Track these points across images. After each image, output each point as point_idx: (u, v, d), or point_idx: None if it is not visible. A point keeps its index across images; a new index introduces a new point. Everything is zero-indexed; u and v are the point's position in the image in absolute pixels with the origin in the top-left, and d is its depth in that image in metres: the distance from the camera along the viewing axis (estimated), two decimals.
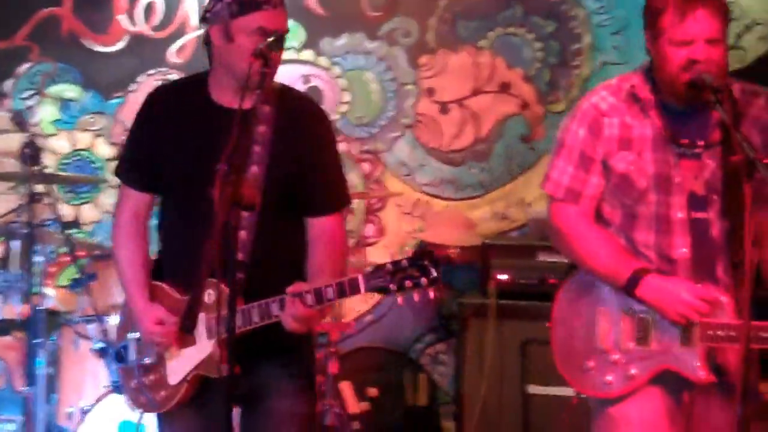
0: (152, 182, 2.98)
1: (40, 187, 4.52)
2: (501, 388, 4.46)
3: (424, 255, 2.55)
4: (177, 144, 2.91)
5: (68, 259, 4.73)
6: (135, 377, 2.95)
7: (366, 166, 5.72)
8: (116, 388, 3.54)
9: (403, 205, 5.66)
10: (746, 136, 2.64)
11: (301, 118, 2.95)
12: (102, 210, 5.69)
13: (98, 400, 4.07)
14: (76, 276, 4.30)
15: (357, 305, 5.47)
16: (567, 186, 2.91)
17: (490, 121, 5.64)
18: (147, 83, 5.73)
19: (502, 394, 4.46)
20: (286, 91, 3.01)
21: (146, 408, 2.99)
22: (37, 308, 4.26)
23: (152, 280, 2.97)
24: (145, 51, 5.77)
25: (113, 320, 4.05)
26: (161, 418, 2.99)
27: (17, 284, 4.41)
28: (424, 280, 2.52)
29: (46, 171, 4.37)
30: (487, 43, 5.65)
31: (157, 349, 2.89)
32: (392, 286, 2.54)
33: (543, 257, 4.65)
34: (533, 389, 4.42)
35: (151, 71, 5.76)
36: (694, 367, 2.72)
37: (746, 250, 2.45)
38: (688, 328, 2.73)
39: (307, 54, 5.73)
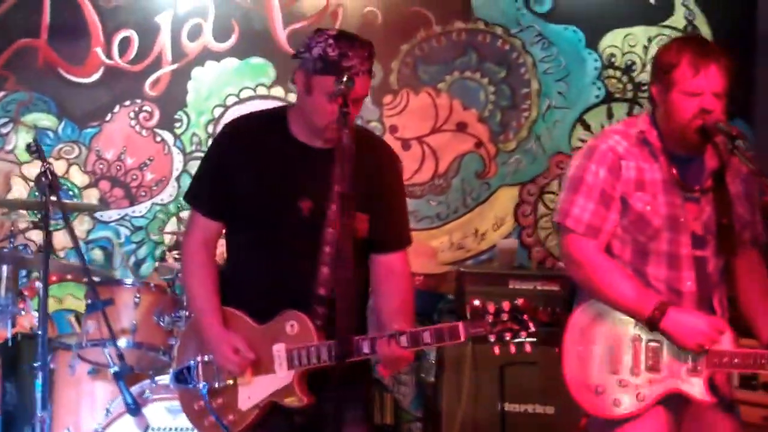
0: (225, 211, 2.99)
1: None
2: (477, 408, 4.84)
3: (524, 309, 2.72)
4: (256, 175, 2.93)
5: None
6: (200, 399, 2.96)
7: None
8: (131, 410, 3.64)
9: None
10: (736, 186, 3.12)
11: (376, 157, 3.02)
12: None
13: (110, 422, 4.17)
14: (88, 301, 4.38)
15: None
16: (588, 222, 3.11)
17: (448, 158, 6.08)
18: (122, 114, 5.95)
19: (479, 413, 4.85)
20: (361, 130, 3.03)
21: (208, 431, 3.00)
22: (36, 332, 4.40)
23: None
24: (120, 83, 5.94)
25: (122, 344, 4.20)
26: None
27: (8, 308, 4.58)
28: (523, 334, 2.71)
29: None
30: (445, 86, 6.10)
31: (230, 375, 2.93)
32: (492, 338, 2.72)
33: (513, 285, 5.08)
34: (510, 407, 4.83)
35: (127, 103, 5.96)
36: (702, 391, 3.06)
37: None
38: (698, 355, 3.06)
39: (277, 91, 6.05)
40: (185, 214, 5.95)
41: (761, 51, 6.00)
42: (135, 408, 3.71)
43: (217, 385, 2.95)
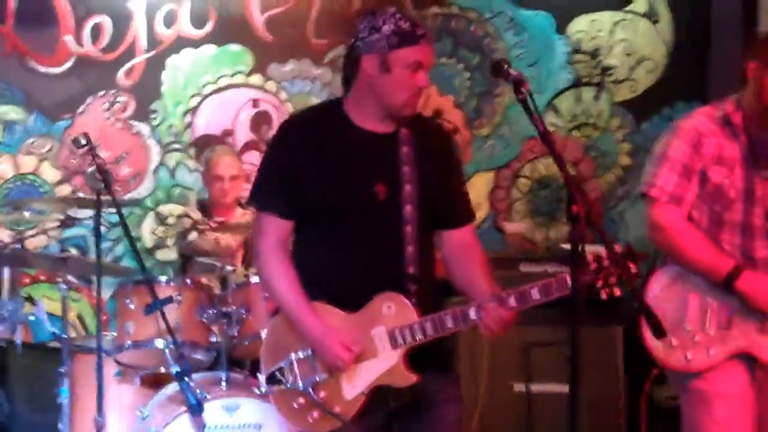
0: (296, 209, 2.96)
1: None
2: (495, 389, 4.91)
3: (625, 254, 2.76)
4: (327, 167, 2.93)
5: None
6: (300, 397, 2.93)
7: None
8: (194, 410, 3.53)
9: None
10: None
11: (435, 138, 3.07)
12: (48, 236, 5.60)
13: (167, 423, 3.98)
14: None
15: None
16: (671, 192, 3.26)
17: None
18: (95, 105, 5.69)
19: (498, 395, 4.91)
20: (416, 114, 3.06)
21: (314, 426, 2.94)
22: (63, 336, 4.23)
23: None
24: (92, 73, 5.69)
25: (159, 344, 4.06)
26: None
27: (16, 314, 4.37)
28: (626, 276, 2.74)
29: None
30: None
31: (336, 370, 2.90)
32: (599, 283, 2.75)
33: (524, 268, 5.15)
34: (534, 387, 4.89)
35: (100, 93, 5.72)
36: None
37: None
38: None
39: (256, 78, 5.92)
40: (165, 208, 5.83)
41: (716, 34, 6.25)
42: (198, 408, 3.59)
43: (318, 380, 2.91)
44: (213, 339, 4.19)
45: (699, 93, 6.14)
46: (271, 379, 2.95)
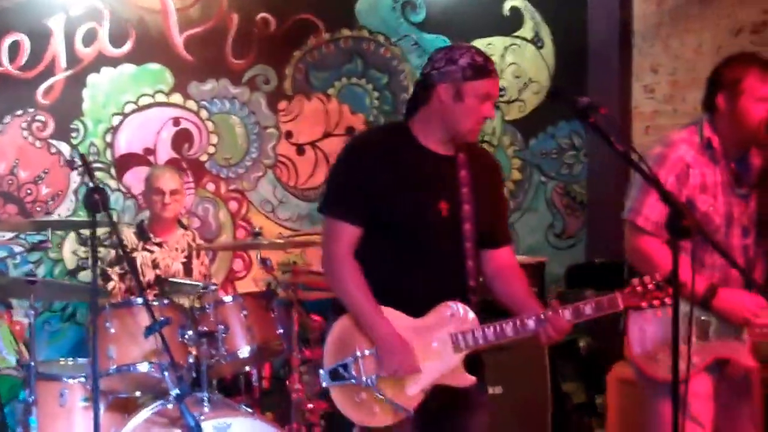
0: (368, 218, 3.12)
1: None
2: None
3: (667, 281, 3.05)
4: (397, 183, 3.10)
5: None
6: (362, 392, 3.08)
7: (233, 204, 6.06)
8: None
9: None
10: None
11: (487, 164, 3.31)
12: None
13: None
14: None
15: None
16: (655, 221, 3.42)
17: None
18: (14, 124, 5.51)
19: None
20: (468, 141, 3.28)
21: (375, 419, 3.09)
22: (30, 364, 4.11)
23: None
24: (10, 91, 5.49)
25: (143, 368, 4.02)
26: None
27: None
28: (668, 299, 3.06)
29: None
30: (335, 91, 6.26)
31: (385, 372, 3.06)
32: (644, 304, 3.06)
33: None
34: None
35: (18, 112, 5.54)
36: (745, 356, 3.51)
37: None
38: (742, 328, 3.48)
39: (176, 97, 5.90)
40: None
41: (592, 58, 6.73)
42: (198, 429, 3.63)
43: (382, 376, 3.07)
44: (191, 359, 4.18)
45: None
46: (335, 376, 3.11)
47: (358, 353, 3.10)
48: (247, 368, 4.54)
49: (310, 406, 4.51)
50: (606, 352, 5.65)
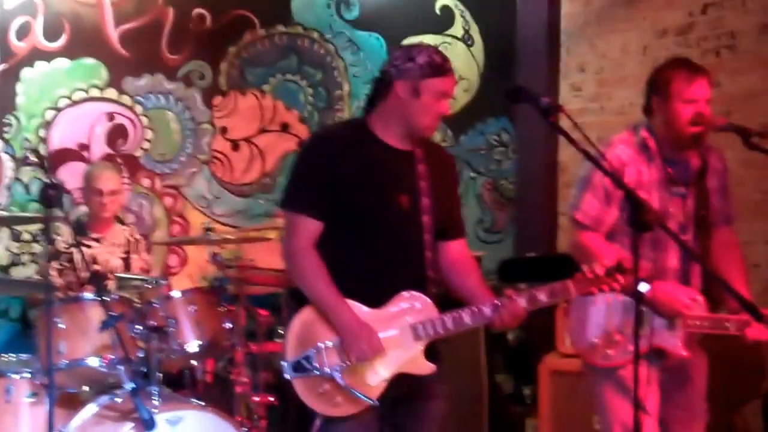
0: (330, 212, 3.18)
1: None
2: None
3: (616, 267, 3.18)
4: (358, 177, 3.17)
5: None
6: (326, 383, 3.13)
7: (168, 200, 6.04)
8: (149, 426, 3.56)
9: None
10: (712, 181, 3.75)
11: (442, 158, 3.41)
12: None
13: None
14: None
15: None
16: (594, 216, 3.61)
17: (274, 157, 6.28)
18: None
19: None
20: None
21: (339, 410, 3.14)
22: None
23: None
24: None
25: (93, 363, 3.98)
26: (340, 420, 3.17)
27: None
28: (616, 285, 3.17)
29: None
30: (270, 87, 6.30)
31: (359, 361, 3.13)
32: (595, 290, 3.17)
33: None
34: None
35: None
36: (678, 346, 3.63)
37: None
38: (675, 319, 3.62)
39: (111, 92, 5.85)
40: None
41: (520, 56, 6.87)
42: (152, 423, 3.65)
43: (344, 366, 3.13)
44: (141, 354, 4.18)
45: (506, 110, 6.76)
46: (298, 368, 3.15)
47: (321, 345, 3.15)
48: (194, 363, 4.55)
49: (256, 399, 4.53)
50: (534, 344, 5.82)
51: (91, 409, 4.12)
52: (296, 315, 3.21)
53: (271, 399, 4.52)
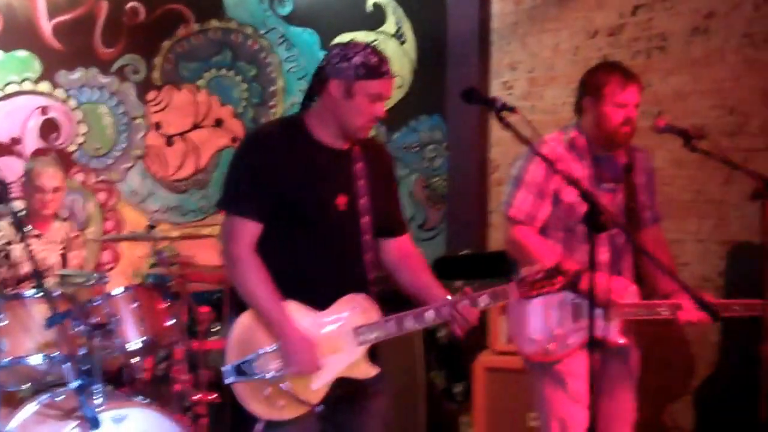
0: (269, 214, 3.10)
1: None
2: None
3: (555, 269, 3.18)
4: (296, 177, 3.09)
5: None
6: (267, 387, 3.07)
7: (102, 195, 5.95)
8: (93, 424, 3.54)
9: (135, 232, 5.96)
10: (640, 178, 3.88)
11: (380, 157, 3.32)
12: None
13: None
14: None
15: None
16: (527, 211, 3.68)
17: (208, 153, 6.25)
18: None
19: None
20: None
21: (281, 413, 3.09)
22: None
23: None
24: None
25: (36, 360, 3.90)
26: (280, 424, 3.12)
27: None
28: (554, 288, 3.15)
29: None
30: (204, 82, 6.26)
31: (291, 369, 3.06)
32: (534, 293, 3.14)
33: None
34: None
35: None
36: (615, 334, 3.71)
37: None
38: (610, 308, 3.68)
39: (44, 86, 5.74)
40: None
41: (452, 54, 6.94)
42: (96, 422, 3.61)
43: (287, 372, 3.07)
44: (82, 351, 4.12)
45: (438, 107, 6.82)
46: (240, 372, 3.08)
47: (262, 350, 3.09)
48: (134, 360, 4.50)
49: (197, 397, 4.51)
50: (464, 341, 5.89)
51: (31, 407, 4.05)
52: (237, 319, 3.14)
53: (213, 396, 4.48)
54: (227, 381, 3.09)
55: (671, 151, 5.58)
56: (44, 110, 5.77)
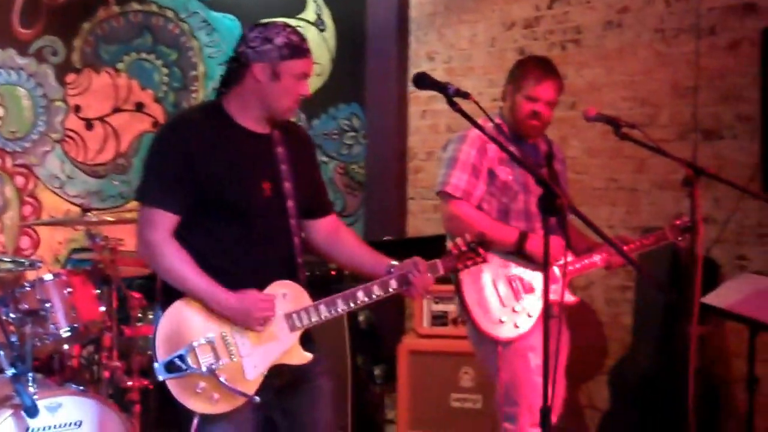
0: (190, 204, 3.05)
1: None
2: None
3: (477, 242, 3.27)
4: (220, 166, 3.03)
5: None
6: (201, 381, 3.01)
7: (20, 180, 5.81)
8: (31, 413, 3.45)
9: (55, 217, 5.87)
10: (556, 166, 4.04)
11: (299, 137, 3.29)
12: None
13: None
14: None
15: None
16: (464, 189, 3.79)
17: (128, 138, 6.16)
18: None
19: None
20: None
21: (216, 407, 3.04)
22: None
23: None
24: None
25: None
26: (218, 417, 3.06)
27: None
28: (479, 259, 3.26)
29: None
30: (124, 66, 6.16)
31: (258, 327, 3.03)
32: (460, 265, 3.25)
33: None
34: None
35: None
36: (564, 293, 3.73)
37: None
38: (554, 268, 3.76)
39: None
40: None
41: (370, 43, 6.99)
42: (35, 409, 3.56)
43: (220, 363, 3.03)
44: (13, 339, 4.04)
45: (357, 96, 6.88)
46: (170, 368, 3.02)
47: (194, 343, 3.04)
48: (65, 347, 4.44)
49: (130, 383, 4.47)
50: (383, 325, 5.97)
51: None
52: (164, 314, 3.08)
53: (145, 383, 4.45)
54: (159, 378, 3.01)
55: (585, 141, 5.77)
56: None
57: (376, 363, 6.05)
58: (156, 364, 3.02)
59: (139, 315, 4.54)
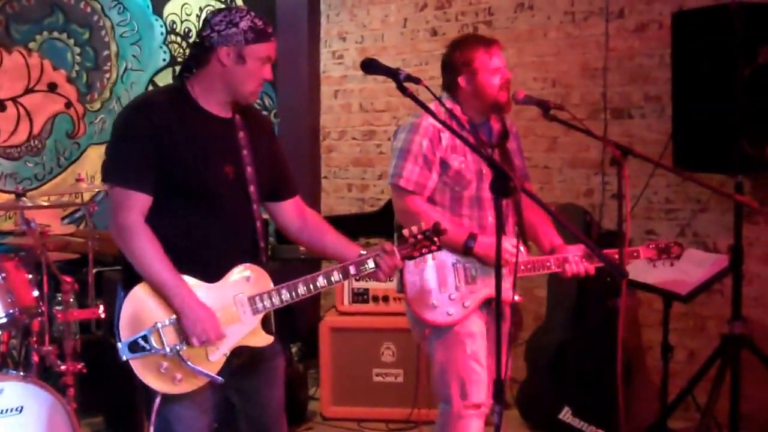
0: (158, 185, 3.04)
1: None
2: None
3: (432, 230, 3.31)
4: (184, 148, 3.04)
5: None
6: (164, 361, 3.03)
7: None
8: None
9: None
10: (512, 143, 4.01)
11: (259, 121, 3.31)
12: None
13: None
14: None
15: None
16: (416, 181, 3.72)
17: (41, 119, 5.97)
18: None
19: None
20: None
21: (179, 387, 3.06)
22: None
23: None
24: None
25: None
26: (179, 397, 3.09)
27: None
28: (434, 247, 3.31)
29: None
30: (36, 45, 5.96)
31: (194, 340, 3.02)
32: (416, 253, 3.29)
33: None
34: None
35: None
36: (508, 291, 3.67)
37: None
38: (505, 267, 3.70)
39: None
40: None
41: (281, 23, 6.94)
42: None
43: (185, 345, 3.05)
44: None
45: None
46: (134, 348, 3.03)
47: (158, 324, 3.05)
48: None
49: (63, 367, 4.39)
50: (298, 304, 5.98)
51: None
52: (128, 294, 3.06)
53: (79, 366, 4.37)
54: (122, 357, 3.01)
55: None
56: None
57: (293, 341, 6.09)
58: (119, 344, 3.01)
59: (71, 299, 4.44)
